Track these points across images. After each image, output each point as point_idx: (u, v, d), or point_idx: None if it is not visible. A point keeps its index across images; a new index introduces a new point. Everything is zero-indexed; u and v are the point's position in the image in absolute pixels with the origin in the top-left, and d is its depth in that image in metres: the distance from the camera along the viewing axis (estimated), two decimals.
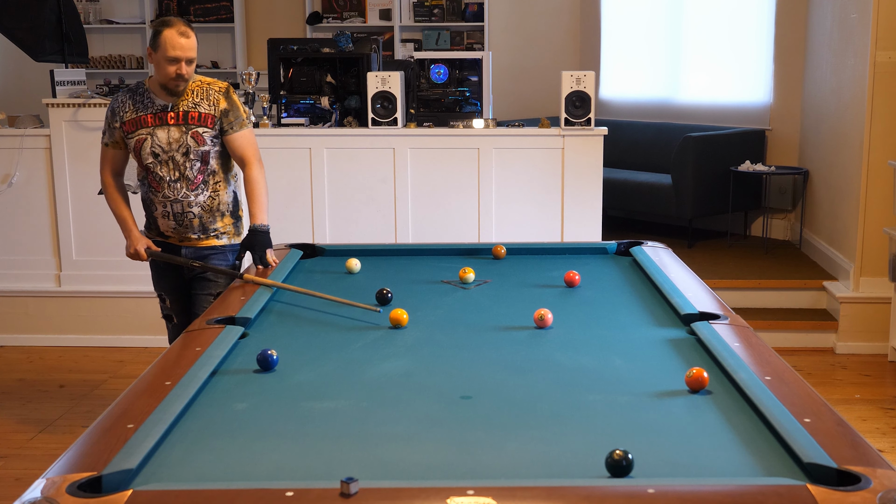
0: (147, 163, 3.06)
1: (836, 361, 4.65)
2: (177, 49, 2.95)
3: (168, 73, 2.97)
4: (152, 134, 3.03)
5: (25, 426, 3.84)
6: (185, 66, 2.97)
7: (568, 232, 4.59)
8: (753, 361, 2.05)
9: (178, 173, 3.06)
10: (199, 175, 3.07)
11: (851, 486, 1.45)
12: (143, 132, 3.04)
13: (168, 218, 3.11)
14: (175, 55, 2.95)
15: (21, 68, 6.87)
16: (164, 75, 2.98)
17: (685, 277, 2.86)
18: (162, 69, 2.98)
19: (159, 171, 3.05)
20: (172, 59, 2.95)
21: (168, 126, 3.03)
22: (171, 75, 2.97)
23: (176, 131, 3.03)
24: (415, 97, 4.76)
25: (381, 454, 1.65)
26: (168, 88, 3.01)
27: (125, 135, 3.06)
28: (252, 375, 2.07)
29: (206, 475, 1.58)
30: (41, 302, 4.88)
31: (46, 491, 1.47)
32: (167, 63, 2.96)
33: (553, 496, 1.44)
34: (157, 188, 3.08)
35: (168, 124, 3.04)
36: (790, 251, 5.96)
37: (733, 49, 6.49)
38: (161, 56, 2.96)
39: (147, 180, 3.10)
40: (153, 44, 2.98)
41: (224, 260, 3.17)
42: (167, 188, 3.07)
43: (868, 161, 4.73)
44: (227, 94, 3.08)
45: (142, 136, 3.04)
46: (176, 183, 3.06)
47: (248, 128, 3.12)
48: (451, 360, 2.18)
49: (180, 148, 3.04)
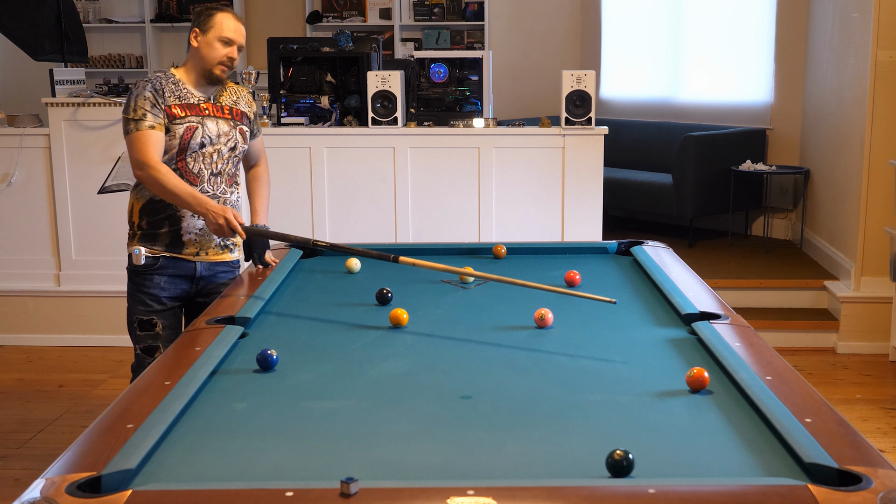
0: (191, 153, 2.82)
1: (837, 361, 4.64)
2: (233, 31, 2.79)
3: (219, 55, 2.79)
4: (203, 123, 2.83)
5: (24, 426, 3.84)
6: (237, 52, 2.82)
7: (568, 231, 4.59)
8: (754, 361, 2.04)
9: (219, 167, 2.88)
10: (234, 172, 2.95)
11: (852, 486, 1.44)
12: (194, 120, 2.82)
13: (198, 217, 2.85)
14: (231, 36, 2.79)
15: (20, 67, 6.87)
16: (214, 58, 2.79)
17: (686, 277, 2.85)
18: (213, 51, 2.78)
19: (200, 163, 2.84)
20: (228, 40, 2.79)
21: (216, 118, 2.86)
22: (222, 58, 2.79)
23: (225, 124, 2.88)
24: (415, 96, 4.75)
25: (381, 454, 1.65)
26: (213, 75, 2.82)
27: (170, 121, 2.79)
28: (252, 375, 2.07)
29: (205, 475, 1.57)
30: (40, 302, 4.88)
31: (46, 491, 1.46)
32: (221, 44, 2.78)
33: (553, 496, 1.43)
34: (193, 181, 2.82)
35: (216, 116, 2.86)
36: (791, 251, 5.95)
37: (734, 48, 6.48)
38: (214, 37, 2.78)
39: (179, 173, 2.81)
40: (202, 25, 2.79)
41: (232, 277, 3.00)
42: (207, 182, 2.85)
43: (869, 160, 4.73)
44: (252, 98, 3.04)
45: (192, 124, 2.81)
46: (216, 177, 2.88)
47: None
48: (451, 360, 2.17)
49: (228, 142, 2.88)
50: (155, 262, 2.87)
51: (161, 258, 2.87)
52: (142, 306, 2.89)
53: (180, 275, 2.90)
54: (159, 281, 2.88)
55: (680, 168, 5.96)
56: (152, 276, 2.88)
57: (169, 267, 2.88)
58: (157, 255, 2.86)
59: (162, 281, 2.88)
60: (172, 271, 2.89)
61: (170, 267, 2.88)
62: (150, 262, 2.86)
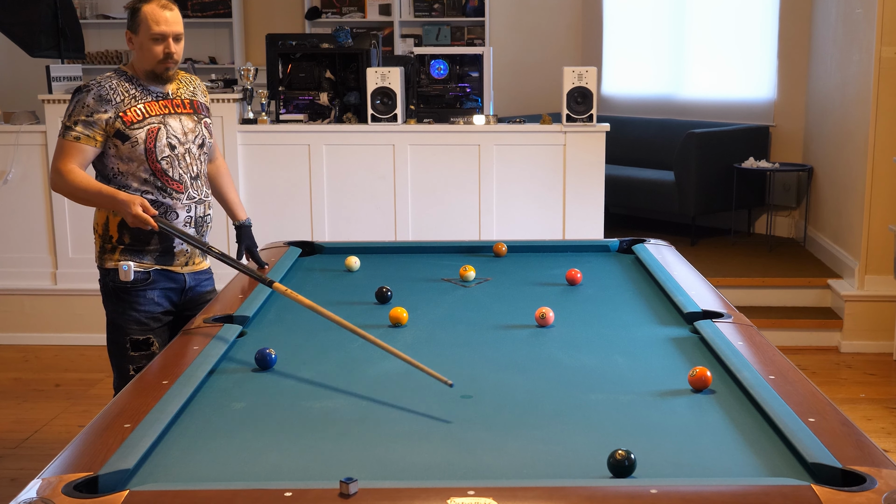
0: (163, 157, 2.60)
1: (840, 360, 4.63)
2: (161, 23, 2.53)
3: (155, 55, 2.56)
4: (164, 123, 2.61)
5: (21, 426, 3.83)
6: (174, 43, 2.57)
7: (569, 229, 4.57)
8: (757, 360, 2.03)
9: (195, 169, 2.68)
10: (206, 170, 2.77)
11: (856, 486, 1.44)
12: (154, 121, 2.60)
13: (190, 225, 2.67)
14: (161, 31, 2.53)
15: (16, 64, 6.86)
16: (151, 58, 2.56)
17: (688, 275, 2.84)
18: (147, 52, 2.56)
19: (178, 168, 2.63)
20: (158, 35, 2.54)
21: (178, 114, 2.66)
22: (158, 56, 2.56)
23: (189, 120, 2.68)
24: (415, 93, 4.74)
25: (380, 454, 1.64)
26: (156, 74, 2.60)
27: (127, 127, 2.56)
28: (250, 374, 2.06)
29: (203, 475, 1.56)
30: (37, 300, 4.86)
31: (42, 491, 1.46)
32: (153, 43, 2.54)
33: (554, 496, 1.43)
34: (178, 189, 2.63)
35: (177, 112, 2.65)
36: (794, 249, 5.94)
37: (737, 44, 6.47)
38: (144, 36, 2.54)
39: (159, 184, 2.61)
40: (132, 25, 2.56)
41: (211, 284, 2.85)
42: (191, 187, 2.67)
43: (873, 158, 4.71)
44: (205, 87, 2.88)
45: (153, 125, 2.59)
46: (196, 180, 2.68)
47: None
48: (451, 359, 2.16)
49: (196, 139, 2.68)
50: (147, 278, 2.66)
51: (152, 272, 2.67)
52: (137, 325, 2.67)
53: (171, 287, 2.71)
54: (152, 296, 2.68)
55: (682, 165, 5.94)
56: (145, 292, 2.67)
57: (160, 280, 2.68)
58: (147, 270, 2.66)
59: (155, 296, 2.68)
60: (164, 285, 2.69)
61: (161, 280, 2.68)
62: (141, 276, 2.65)
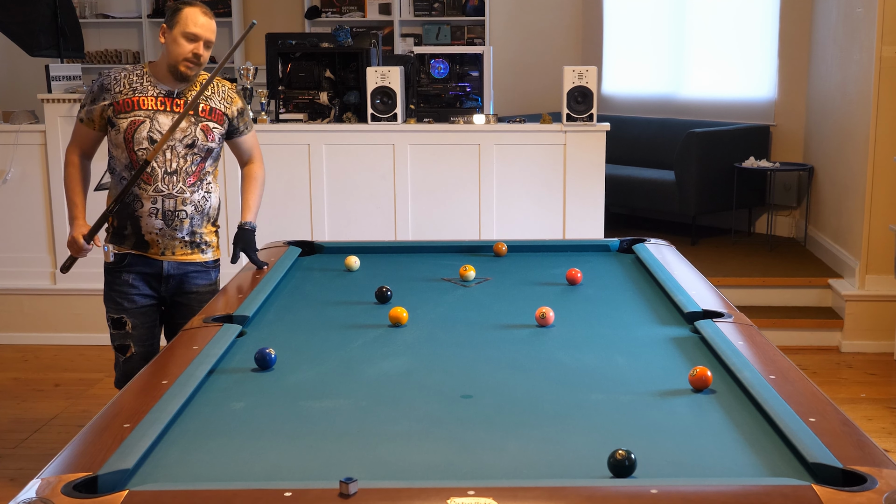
0: (139, 149, 2.78)
1: (841, 360, 4.63)
2: (198, 26, 2.73)
3: (184, 52, 2.74)
4: (152, 118, 2.78)
5: (20, 425, 3.82)
6: (204, 48, 2.76)
7: (570, 229, 4.57)
8: (758, 360, 2.03)
9: (174, 166, 2.81)
10: (197, 171, 2.86)
11: (857, 486, 1.43)
12: (142, 114, 2.78)
13: (156, 216, 2.82)
14: (196, 32, 2.73)
15: (16, 63, 6.86)
16: (179, 54, 2.74)
17: (688, 275, 2.84)
18: (177, 47, 2.74)
19: (153, 161, 2.79)
20: (192, 35, 2.73)
21: (174, 113, 2.80)
22: (186, 54, 2.74)
23: (183, 121, 2.81)
24: (415, 92, 4.74)
25: (380, 454, 1.64)
26: (179, 72, 2.77)
27: (115, 114, 2.78)
28: (250, 374, 2.06)
29: (203, 475, 1.56)
30: (36, 300, 4.86)
31: (41, 491, 1.46)
32: (185, 40, 2.73)
33: (555, 496, 1.42)
34: (147, 181, 2.79)
35: (174, 111, 2.80)
36: (795, 248, 5.93)
37: (737, 43, 6.46)
38: (179, 32, 2.73)
39: (131, 172, 2.80)
40: (170, 21, 2.76)
41: (207, 278, 2.96)
42: (161, 181, 2.80)
43: (874, 157, 4.70)
44: (240, 93, 2.99)
45: (139, 118, 2.77)
46: (171, 176, 2.81)
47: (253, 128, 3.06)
48: (451, 359, 2.16)
49: (185, 139, 2.81)
50: (122, 260, 2.88)
51: (129, 255, 2.87)
52: (112, 304, 2.92)
53: (148, 273, 2.89)
54: (128, 278, 2.89)
55: (683, 165, 5.94)
56: (121, 274, 2.89)
57: (136, 264, 2.88)
58: (124, 253, 2.88)
59: (130, 278, 2.89)
60: (140, 269, 2.88)
61: (137, 264, 2.88)
62: (118, 259, 2.88)
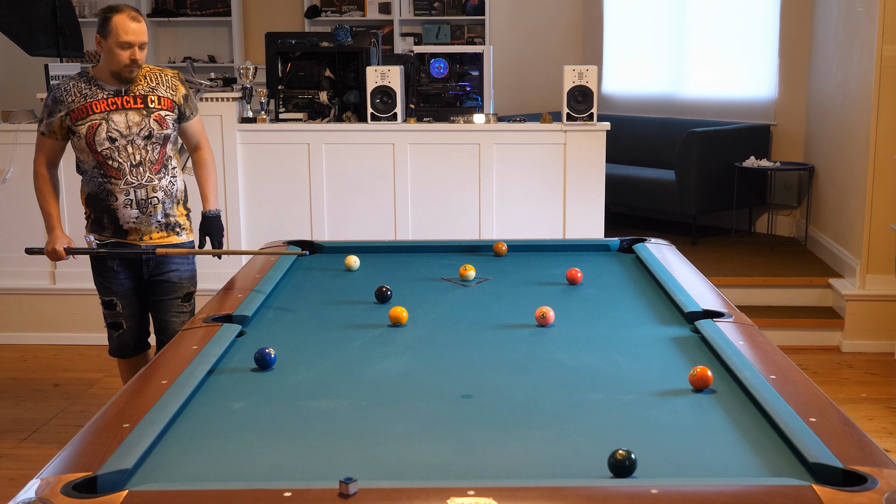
0: (102, 149, 2.96)
1: (842, 360, 4.62)
2: (129, 34, 2.89)
3: (121, 60, 2.91)
4: (107, 119, 2.96)
5: (19, 425, 3.82)
6: (139, 51, 2.92)
7: (570, 228, 4.57)
8: (758, 360, 2.03)
9: (138, 158, 2.99)
10: (160, 158, 3.03)
11: (857, 486, 1.44)
12: (96, 118, 2.96)
13: (131, 207, 3.01)
14: (128, 40, 2.89)
15: (15, 63, 6.85)
16: (117, 62, 2.91)
17: (689, 275, 2.83)
18: (114, 56, 2.91)
19: (117, 158, 2.97)
20: (125, 43, 2.89)
21: (125, 110, 2.97)
22: (124, 61, 2.91)
23: (135, 115, 2.98)
24: (415, 92, 4.73)
25: (380, 454, 1.64)
26: (121, 76, 2.95)
27: (73, 123, 2.97)
28: (249, 374, 2.05)
29: (202, 475, 1.56)
30: (35, 299, 4.85)
31: (41, 491, 1.46)
32: (120, 49, 2.89)
33: (555, 497, 1.42)
34: (116, 176, 2.98)
35: (125, 108, 2.97)
36: (795, 248, 5.93)
37: (738, 43, 6.46)
38: (113, 42, 2.89)
39: (101, 171, 2.99)
40: (102, 31, 2.91)
41: (185, 259, 3.14)
42: (129, 174, 2.98)
43: (874, 156, 4.70)
44: (183, 80, 3.12)
45: (94, 121, 2.96)
46: (137, 168, 2.99)
47: (199, 112, 3.20)
48: (451, 359, 2.16)
49: (141, 131, 2.98)
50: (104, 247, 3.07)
51: (109, 244, 3.07)
52: (102, 288, 3.16)
53: (129, 258, 3.09)
54: (112, 265, 3.11)
55: (683, 164, 5.93)
56: (104, 261, 3.10)
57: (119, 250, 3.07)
58: (105, 242, 3.07)
59: (115, 265, 3.10)
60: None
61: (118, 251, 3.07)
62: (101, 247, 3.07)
